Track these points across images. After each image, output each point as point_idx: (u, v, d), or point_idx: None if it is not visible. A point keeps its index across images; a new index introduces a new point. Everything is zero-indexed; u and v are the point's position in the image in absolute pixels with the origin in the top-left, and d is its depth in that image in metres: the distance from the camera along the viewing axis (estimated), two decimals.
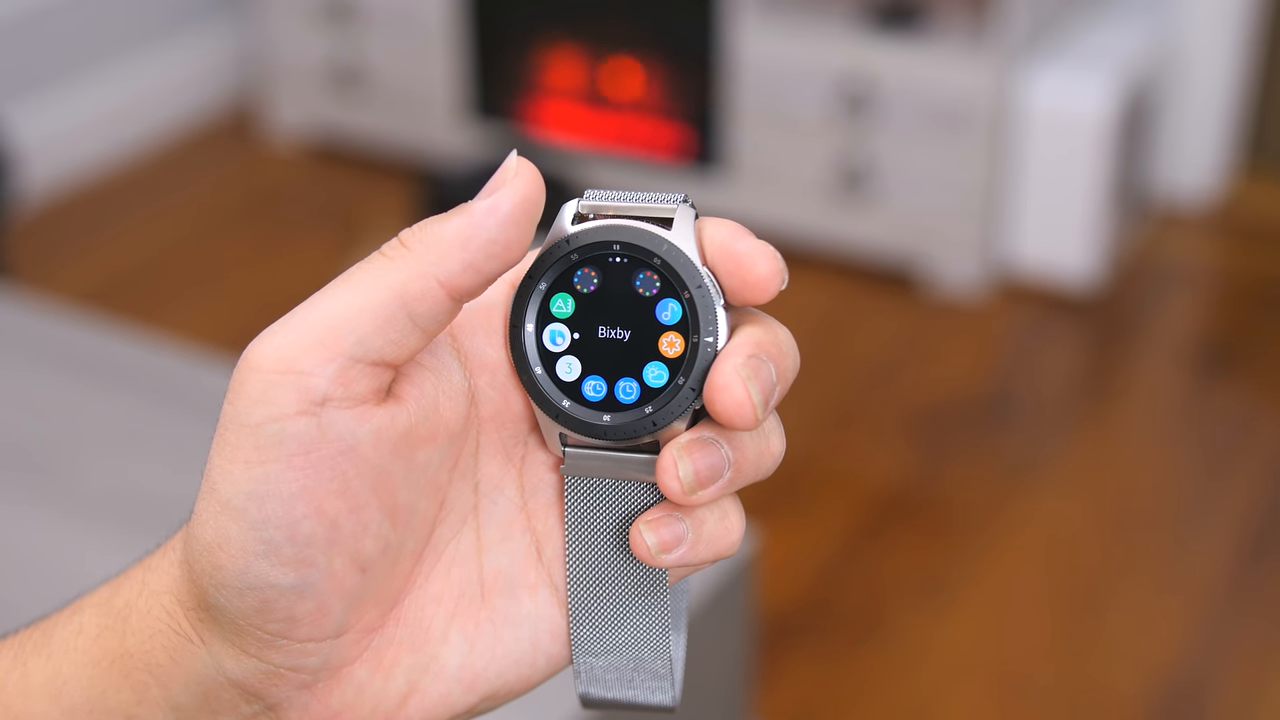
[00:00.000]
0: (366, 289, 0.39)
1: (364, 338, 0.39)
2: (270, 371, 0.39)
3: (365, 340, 0.39)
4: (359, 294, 0.39)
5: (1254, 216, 2.72)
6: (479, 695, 0.43)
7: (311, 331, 0.39)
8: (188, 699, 0.42)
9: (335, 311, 0.39)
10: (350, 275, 0.40)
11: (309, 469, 0.39)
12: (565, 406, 0.42)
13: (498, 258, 0.40)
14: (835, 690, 1.78)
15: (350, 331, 0.39)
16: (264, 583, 0.39)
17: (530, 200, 0.40)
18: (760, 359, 0.40)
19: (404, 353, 0.40)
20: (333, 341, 0.39)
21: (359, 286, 0.39)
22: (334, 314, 0.39)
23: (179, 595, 0.42)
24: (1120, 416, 2.30)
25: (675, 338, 0.42)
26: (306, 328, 0.39)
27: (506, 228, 0.39)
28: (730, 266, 0.41)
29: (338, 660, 0.42)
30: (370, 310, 0.39)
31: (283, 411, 0.39)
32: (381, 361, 0.39)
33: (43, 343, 1.25)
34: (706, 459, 0.41)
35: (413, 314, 0.39)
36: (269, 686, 0.41)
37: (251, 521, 0.39)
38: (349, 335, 0.39)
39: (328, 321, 0.39)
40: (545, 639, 0.44)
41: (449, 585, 0.43)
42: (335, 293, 0.39)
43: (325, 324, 0.39)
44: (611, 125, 2.70)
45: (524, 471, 0.44)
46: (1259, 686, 1.78)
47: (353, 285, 0.39)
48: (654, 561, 0.42)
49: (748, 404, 0.40)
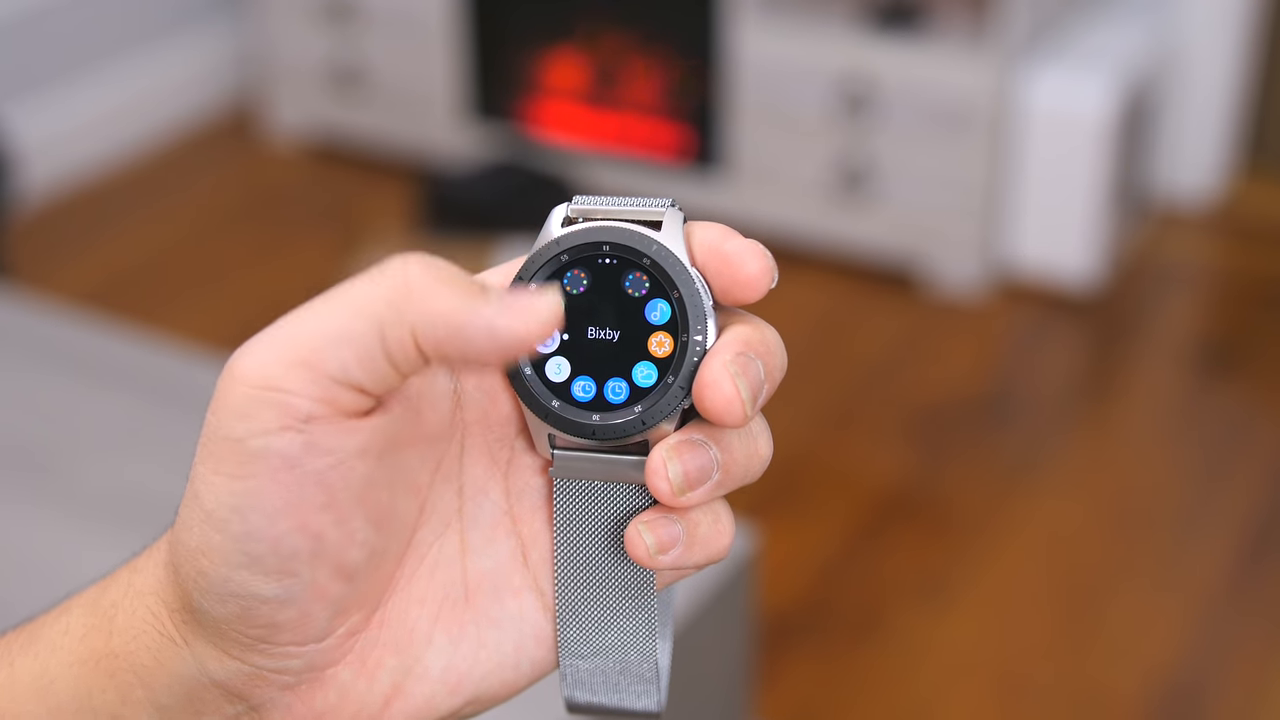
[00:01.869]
0: (352, 316, 0.39)
1: (345, 366, 0.38)
2: (254, 387, 0.38)
3: (347, 369, 0.38)
4: (344, 319, 0.39)
5: (1254, 216, 2.72)
6: (463, 698, 0.43)
7: (295, 350, 0.38)
8: (171, 700, 0.42)
9: (320, 331, 0.38)
10: (341, 293, 0.39)
11: (293, 485, 0.39)
12: (554, 407, 0.42)
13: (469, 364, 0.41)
14: (835, 690, 1.78)
15: (332, 358, 0.38)
16: (246, 592, 0.39)
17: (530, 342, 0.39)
18: (748, 356, 0.41)
19: (384, 386, 0.39)
20: (316, 364, 0.38)
21: (346, 309, 0.39)
22: (318, 334, 0.38)
23: (164, 597, 0.42)
24: (1120, 416, 2.30)
25: (664, 337, 0.42)
26: (291, 345, 0.39)
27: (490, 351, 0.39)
28: (720, 266, 0.41)
29: (321, 662, 0.42)
30: (351, 341, 0.38)
31: (265, 427, 0.38)
32: (363, 389, 0.39)
33: (43, 343, 1.25)
34: (695, 460, 0.41)
35: (389, 356, 0.39)
36: (252, 688, 0.42)
37: (234, 535, 0.39)
38: (331, 361, 0.38)
39: (312, 342, 0.38)
40: (529, 643, 0.44)
41: (433, 587, 0.43)
42: (322, 310, 0.39)
43: (310, 344, 0.38)
44: (611, 125, 2.70)
45: (509, 475, 0.44)
46: (1259, 686, 1.78)
47: (340, 306, 0.39)
48: (650, 562, 0.42)
49: (736, 400, 0.40)
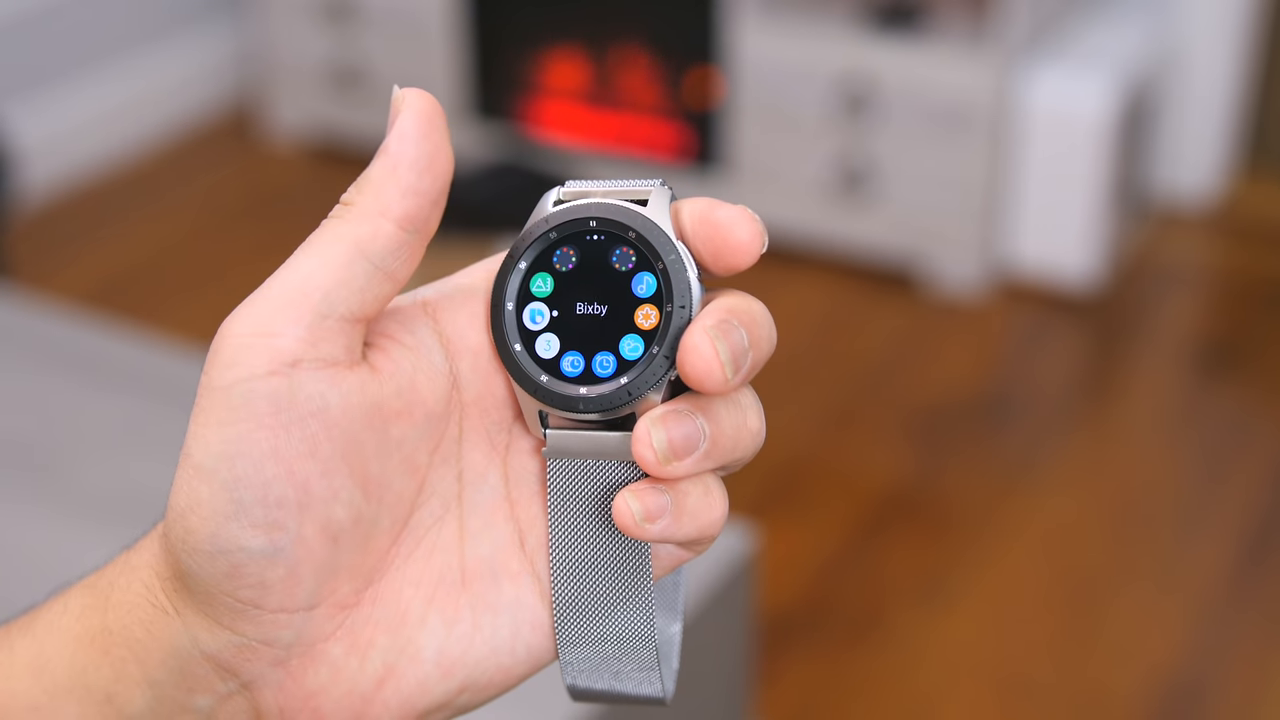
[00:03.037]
0: (323, 247, 0.41)
1: (329, 292, 0.40)
2: (243, 336, 0.40)
3: (331, 294, 0.40)
4: (318, 254, 0.41)
5: (1254, 216, 2.72)
6: (457, 683, 0.43)
7: (281, 295, 0.40)
8: (164, 675, 0.43)
9: (299, 274, 0.41)
10: (308, 242, 0.41)
11: (279, 429, 0.40)
12: (543, 381, 0.43)
13: (428, 172, 0.42)
14: (835, 690, 1.78)
15: (315, 288, 0.40)
16: (234, 545, 0.40)
17: (427, 113, 0.42)
18: (731, 323, 0.41)
19: (372, 300, 0.41)
20: (300, 300, 0.40)
21: (316, 248, 0.41)
22: (298, 276, 0.40)
23: (157, 568, 0.43)
24: (1120, 416, 2.30)
25: (650, 309, 0.42)
26: (276, 294, 0.40)
27: (420, 143, 0.42)
28: (710, 233, 0.42)
29: (311, 635, 0.42)
30: (329, 264, 0.40)
31: (253, 372, 0.40)
32: (350, 316, 0.41)
33: (43, 343, 1.25)
34: (681, 428, 0.41)
35: (370, 256, 0.41)
36: (243, 661, 0.42)
37: (222, 482, 0.40)
38: (314, 292, 0.40)
39: (293, 283, 0.40)
40: (526, 629, 0.44)
41: (429, 569, 0.43)
42: (297, 260, 0.41)
43: (292, 285, 0.40)
44: (611, 125, 2.70)
45: (508, 460, 0.44)
46: (1259, 686, 1.78)
47: (312, 249, 0.41)
48: (637, 531, 0.41)
49: (715, 362, 0.40)
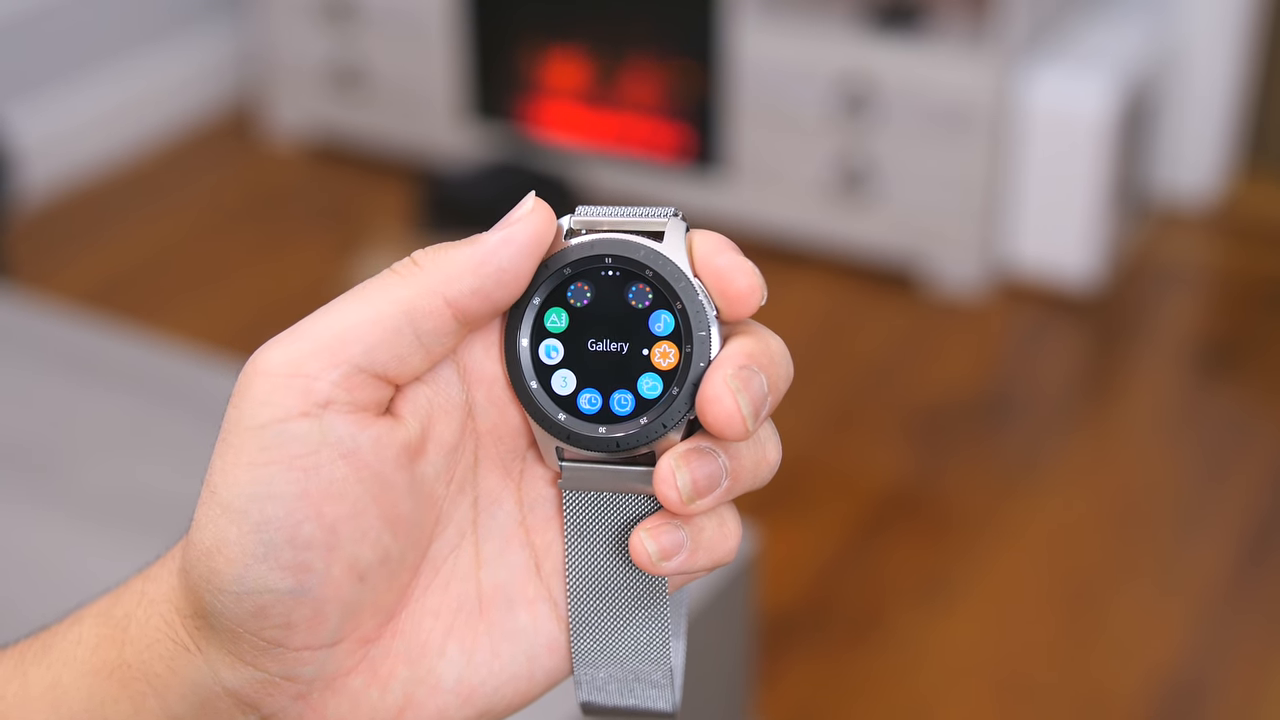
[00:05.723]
0: (375, 302, 0.40)
1: (370, 349, 0.40)
2: (276, 375, 0.39)
3: (371, 351, 0.40)
4: (368, 306, 0.40)
5: (1254, 216, 2.72)
6: (476, 710, 0.43)
7: (319, 339, 0.40)
8: (185, 709, 0.42)
9: (344, 321, 0.40)
10: (361, 289, 0.41)
11: (310, 471, 0.39)
12: (561, 420, 0.42)
13: (506, 286, 0.41)
14: (835, 690, 1.78)
15: (357, 340, 0.40)
16: (262, 587, 0.39)
17: (542, 236, 0.41)
18: (751, 370, 0.41)
19: (407, 370, 0.40)
20: (340, 348, 0.39)
21: (368, 299, 0.40)
22: (342, 324, 0.40)
23: (177, 604, 0.42)
24: (1120, 416, 2.30)
25: (669, 348, 0.42)
26: (314, 336, 0.40)
27: (517, 259, 0.41)
28: (710, 280, 0.42)
29: (333, 670, 0.42)
30: (378, 322, 0.40)
31: (286, 413, 0.39)
32: (385, 376, 0.40)
33: (43, 343, 1.25)
34: (704, 468, 0.41)
35: (419, 331, 0.40)
36: (265, 696, 0.41)
37: (252, 524, 0.39)
38: (356, 344, 0.40)
39: (335, 330, 0.40)
40: (543, 653, 0.44)
41: (447, 599, 0.43)
42: (344, 305, 0.40)
43: (333, 332, 0.40)
44: (611, 125, 2.70)
45: (522, 486, 0.44)
46: (1259, 686, 1.78)
47: (362, 298, 0.40)
48: (654, 569, 0.42)
49: (737, 415, 0.40)
